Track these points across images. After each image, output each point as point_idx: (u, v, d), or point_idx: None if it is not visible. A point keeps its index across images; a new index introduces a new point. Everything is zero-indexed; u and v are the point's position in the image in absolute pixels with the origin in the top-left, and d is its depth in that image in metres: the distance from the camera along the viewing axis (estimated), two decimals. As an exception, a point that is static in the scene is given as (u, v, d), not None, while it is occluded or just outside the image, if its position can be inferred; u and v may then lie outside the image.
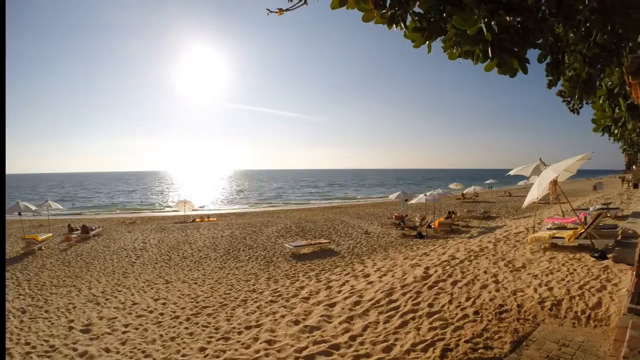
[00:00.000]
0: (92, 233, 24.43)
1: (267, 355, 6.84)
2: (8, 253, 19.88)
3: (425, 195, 23.96)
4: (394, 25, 2.99)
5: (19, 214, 24.13)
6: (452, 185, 50.85)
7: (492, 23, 2.46)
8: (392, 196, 28.08)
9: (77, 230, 25.00)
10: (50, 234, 23.59)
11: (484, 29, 2.43)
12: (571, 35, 3.82)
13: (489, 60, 2.64)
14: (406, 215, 26.19)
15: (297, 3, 3.28)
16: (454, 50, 2.84)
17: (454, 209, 29.54)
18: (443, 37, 2.87)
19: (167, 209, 51.80)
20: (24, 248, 20.43)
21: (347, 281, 11.23)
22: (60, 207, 29.51)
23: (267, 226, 26.10)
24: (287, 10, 3.37)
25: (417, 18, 2.93)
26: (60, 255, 19.02)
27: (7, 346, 8.47)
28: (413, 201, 24.95)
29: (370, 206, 42.42)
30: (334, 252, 17.40)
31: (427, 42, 2.95)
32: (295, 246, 17.56)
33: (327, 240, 19.24)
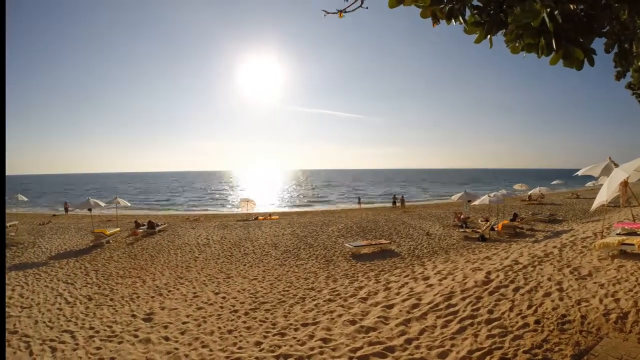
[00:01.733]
0: (157, 229, 25.97)
1: (321, 353, 7.01)
2: (79, 245, 21.68)
3: (489, 196, 23.12)
4: (453, 20, 3.00)
5: (89, 209, 26.15)
6: (516, 186, 48.84)
7: (555, 12, 2.41)
8: (455, 197, 27.42)
9: (143, 225, 26.68)
10: (118, 229, 25.50)
11: (547, 20, 2.40)
12: (638, 22, 3.62)
13: (553, 53, 2.59)
14: (469, 217, 25.42)
15: (354, 4, 3.38)
16: (517, 44, 2.80)
17: (518, 211, 28.44)
18: (504, 30, 2.85)
19: (230, 207, 53.66)
20: (92, 241, 22.32)
21: (407, 283, 11.16)
22: (128, 204, 31.63)
23: (327, 225, 26.38)
24: (344, 11, 3.47)
25: (476, 12, 2.93)
26: (127, 249, 20.44)
27: (71, 329, 9.29)
28: (476, 202, 24.21)
29: (432, 207, 41.57)
30: (394, 253, 17.32)
31: (488, 37, 2.94)
32: (355, 246, 17.66)
33: (388, 241, 19.17)
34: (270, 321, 9.25)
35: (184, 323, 9.55)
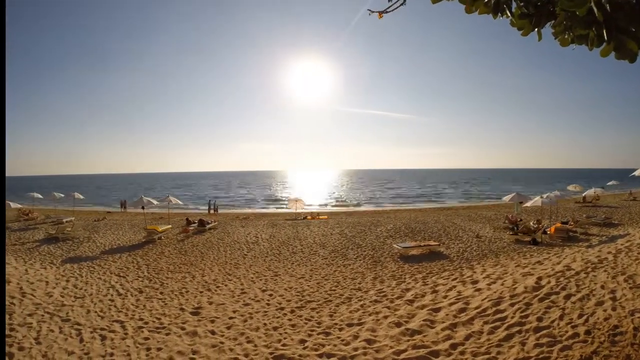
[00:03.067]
0: (208, 226, 26.74)
1: (365, 354, 6.99)
2: (132, 241, 22.63)
3: (542, 197, 22.14)
4: (499, 14, 2.91)
5: (143, 207, 27.29)
6: (570, 187, 46.53)
7: (603, 0, 2.29)
8: (506, 198, 26.49)
9: (194, 223, 27.55)
10: (169, 226, 26.51)
11: (594, 9, 2.28)
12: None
13: (604, 44, 2.46)
14: (520, 220, 24.48)
15: (396, 3, 3.35)
16: (566, 36, 2.68)
17: (572, 214, 27.24)
18: (553, 22, 2.73)
19: (280, 206, 54.40)
20: (145, 237, 23.32)
21: (455, 286, 10.91)
22: (180, 202, 32.81)
23: (376, 226, 26.21)
24: (386, 11, 3.44)
25: (522, 4, 2.83)
26: (178, 245, 21.13)
27: (121, 320, 9.71)
28: (528, 204, 23.24)
29: (482, 208, 40.34)
30: (443, 255, 16.97)
31: (536, 29, 2.83)
32: (403, 247, 17.44)
33: (437, 243, 18.81)
34: (316, 320, 9.30)
35: (230, 318, 9.78)
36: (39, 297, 11.64)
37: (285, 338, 8.21)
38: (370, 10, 3.52)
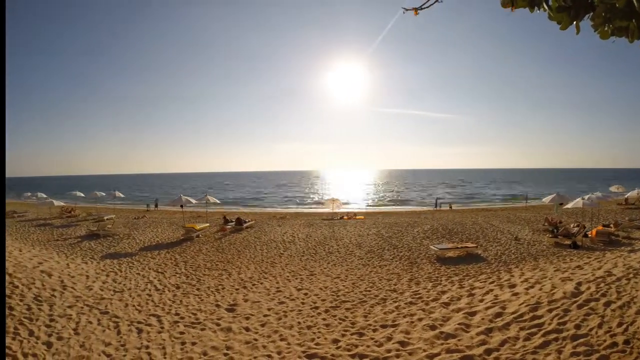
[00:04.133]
0: (245, 225, 27.17)
1: (397, 356, 6.95)
2: (170, 238, 23.24)
3: (582, 199, 21.27)
4: (536, 8, 2.85)
5: (181, 206, 28.01)
6: (612, 188, 44.50)
7: None
8: (546, 199, 25.60)
9: (231, 221, 28.05)
10: (207, 224, 27.12)
11: (634, 0, 2.21)
12: None
13: None
14: (561, 222, 23.64)
15: (430, 0, 3.33)
16: (605, 28, 2.61)
17: (614, 216, 26.18)
18: (591, 14, 2.66)
19: (316, 205, 54.61)
20: (183, 235, 24.03)
21: (491, 290, 10.66)
22: (218, 201, 33.48)
23: (413, 226, 25.94)
24: (422, 7, 3.43)
25: None
26: (215, 243, 21.58)
27: (158, 314, 9.99)
28: (569, 205, 22.36)
29: (521, 209, 39.14)
30: (480, 257, 16.63)
31: (575, 22, 2.75)
32: (440, 248, 17.19)
33: (474, 245, 18.42)
34: (350, 320, 9.30)
35: (265, 316, 9.91)
36: (79, 290, 12.11)
37: (318, 337, 8.25)
38: (404, 9, 3.51)
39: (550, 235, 20.68)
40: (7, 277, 12.22)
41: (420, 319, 8.74)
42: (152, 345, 8.07)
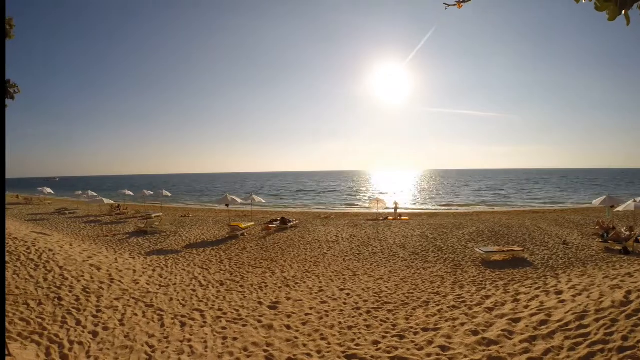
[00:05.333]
0: (289, 224, 27.51)
1: (437, 360, 6.86)
2: (216, 236, 23.87)
3: (635, 201, 20.11)
4: None
5: (227, 205, 28.68)
6: None
7: None
8: (596, 201, 24.34)
9: (276, 221, 28.42)
10: (252, 223, 27.72)
11: None
12: None
13: None
14: (613, 227, 22.45)
15: None
16: None
17: None
18: None
19: (361, 206, 54.50)
20: (228, 233, 24.62)
21: (537, 296, 10.29)
22: (263, 201, 34.05)
23: (458, 228, 25.48)
24: (463, 1, 3.41)
25: None
26: (260, 242, 22.00)
27: (202, 309, 10.28)
28: (620, 208, 21.17)
29: (570, 212, 37.41)
30: (526, 261, 16.12)
31: (623, 12, 2.65)
32: (486, 252, 16.77)
33: (521, 248, 17.81)
34: (391, 322, 9.24)
35: (306, 314, 10.00)
36: (126, 283, 12.60)
37: (359, 338, 8.24)
38: (446, 5, 3.49)
39: (600, 240, 19.83)
40: (57, 270, 12.88)
41: (462, 324, 8.59)
42: (194, 338, 8.30)
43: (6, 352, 6.54)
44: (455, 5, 3.46)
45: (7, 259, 13.58)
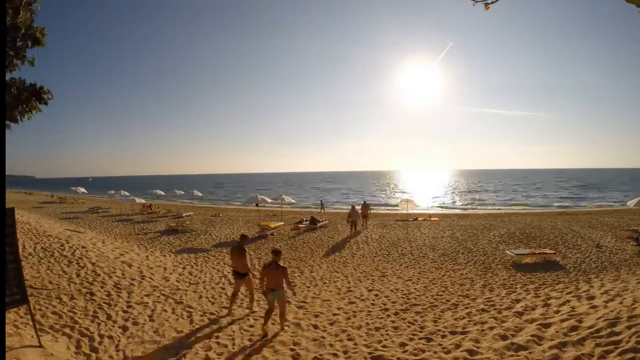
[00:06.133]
0: (319, 224, 27.62)
1: (464, 365, 6.80)
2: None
3: None
4: None
5: (256, 205, 29.05)
6: None
7: None
8: (631, 203, 23.47)
9: (305, 221, 28.58)
10: (282, 223, 28.01)
11: None
12: None
13: None
14: None
15: None
16: None
17: None
18: None
19: (390, 206, 54.25)
20: (258, 232, 25.05)
21: (568, 301, 10.02)
22: (293, 201, 34.35)
23: (489, 230, 25.04)
24: (492, 3, 3.39)
25: None
26: (289, 241, 22.24)
27: (233, 308, 10.35)
28: None
29: (604, 214, 36.03)
30: (558, 265, 15.74)
31: None
32: (517, 254, 16.44)
33: (553, 251, 17.37)
34: (419, 324, 9.18)
35: (334, 315, 10.04)
36: (156, 280, 12.92)
37: (386, 339, 8.22)
38: (474, 1, 3.47)
39: (635, 244, 19.25)
40: (90, 266, 13.30)
41: (491, 328, 8.46)
42: (222, 335, 8.45)
43: (38, 344, 6.81)
44: (481, 2, 3.45)
45: (41, 255, 14.12)
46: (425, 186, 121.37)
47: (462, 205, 59.11)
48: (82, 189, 59.62)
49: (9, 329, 7.35)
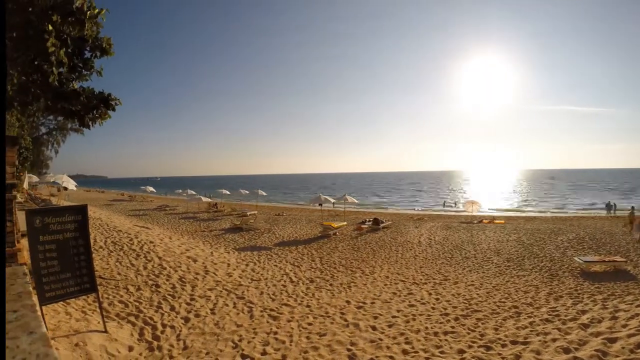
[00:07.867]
0: (381, 225, 27.57)
1: (523, 377, 6.59)
2: (308, 235, 24.66)
3: None
4: None
5: (320, 204, 29.45)
6: None
7: None
8: None
9: (368, 221, 28.61)
10: (344, 223, 28.16)
11: None
12: None
13: None
14: None
15: None
16: None
17: None
18: None
19: (455, 208, 53.15)
20: (321, 232, 25.30)
21: (638, 315, 9.39)
22: (356, 201, 34.42)
23: (557, 234, 23.81)
24: None
25: None
26: (351, 241, 22.37)
27: (290, 304, 10.73)
28: None
29: None
30: (629, 274, 14.61)
31: None
32: (585, 261, 15.48)
33: (623, 259, 16.11)
34: (479, 331, 8.98)
35: (393, 317, 10.03)
36: (219, 275, 13.44)
37: (444, 345, 8.12)
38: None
39: None
40: (157, 260, 14.05)
41: (554, 339, 8.13)
42: (280, 332, 8.68)
43: (103, 329, 7.33)
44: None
45: (111, 248, 15.08)
46: (493, 186, 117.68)
47: (530, 207, 56.81)
48: (151, 188, 62.73)
49: (77, 315, 7.97)
